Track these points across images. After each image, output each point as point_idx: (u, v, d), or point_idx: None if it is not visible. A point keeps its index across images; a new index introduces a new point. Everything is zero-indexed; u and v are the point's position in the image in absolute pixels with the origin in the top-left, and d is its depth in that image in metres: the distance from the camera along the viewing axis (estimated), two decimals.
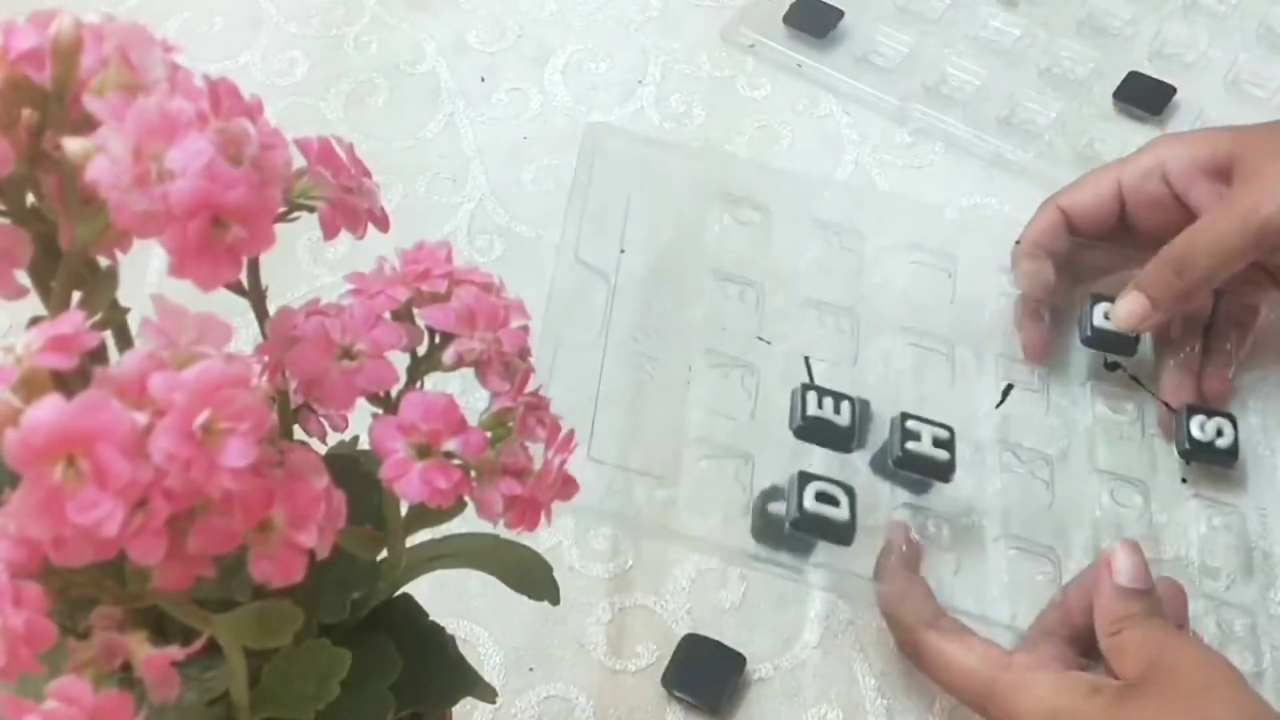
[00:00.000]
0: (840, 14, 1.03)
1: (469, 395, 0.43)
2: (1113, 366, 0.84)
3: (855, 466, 0.78)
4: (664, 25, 1.05)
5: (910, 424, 0.77)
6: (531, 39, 1.04)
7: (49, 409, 0.31)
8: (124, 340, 0.41)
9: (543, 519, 0.43)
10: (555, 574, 0.53)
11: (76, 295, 0.39)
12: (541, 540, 0.76)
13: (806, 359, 0.81)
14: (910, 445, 0.76)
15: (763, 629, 0.76)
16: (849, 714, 0.73)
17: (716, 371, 0.82)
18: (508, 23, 1.05)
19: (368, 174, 0.43)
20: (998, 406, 0.82)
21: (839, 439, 0.77)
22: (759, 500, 0.78)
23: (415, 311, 0.43)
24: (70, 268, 0.37)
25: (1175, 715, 0.62)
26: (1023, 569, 0.75)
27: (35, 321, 0.36)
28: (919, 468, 0.77)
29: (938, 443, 0.76)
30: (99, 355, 0.38)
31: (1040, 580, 0.75)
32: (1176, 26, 1.03)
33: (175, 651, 0.38)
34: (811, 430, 0.77)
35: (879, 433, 0.79)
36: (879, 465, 0.78)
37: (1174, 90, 0.99)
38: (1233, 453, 0.80)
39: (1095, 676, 0.65)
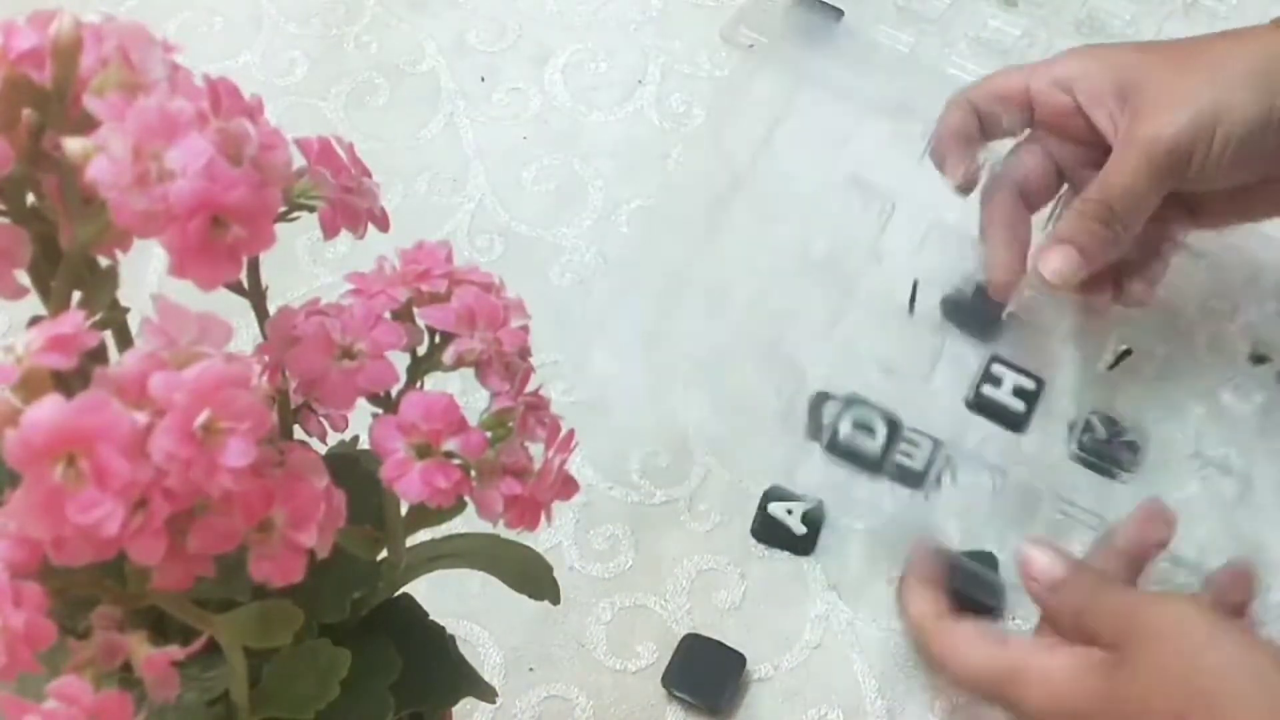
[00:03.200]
0: (840, 14, 1.03)
1: (469, 395, 0.43)
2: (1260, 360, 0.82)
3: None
4: (664, 25, 1.05)
5: (995, 368, 0.79)
6: (531, 39, 1.04)
7: (49, 409, 0.31)
8: (124, 340, 0.41)
9: (543, 519, 0.43)
10: (555, 574, 0.53)
11: (76, 295, 0.39)
12: (541, 540, 0.76)
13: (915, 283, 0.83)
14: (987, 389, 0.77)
15: (763, 629, 0.76)
16: (849, 714, 0.73)
17: None
18: (508, 23, 1.05)
19: (368, 174, 0.43)
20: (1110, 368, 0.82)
21: None
22: (762, 497, 0.78)
23: (415, 311, 0.43)
24: (70, 268, 0.37)
25: (1169, 679, 0.60)
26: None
27: (35, 321, 0.36)
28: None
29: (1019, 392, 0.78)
30: (99, 355, 0.38)
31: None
32: (1177, 26, 1.03)
33: (175, 651, 0.38)
34: None
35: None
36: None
37: None
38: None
39: (1092, 654, 0.63)
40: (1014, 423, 0.78)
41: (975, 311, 0.82)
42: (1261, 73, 0.71)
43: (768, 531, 0.78)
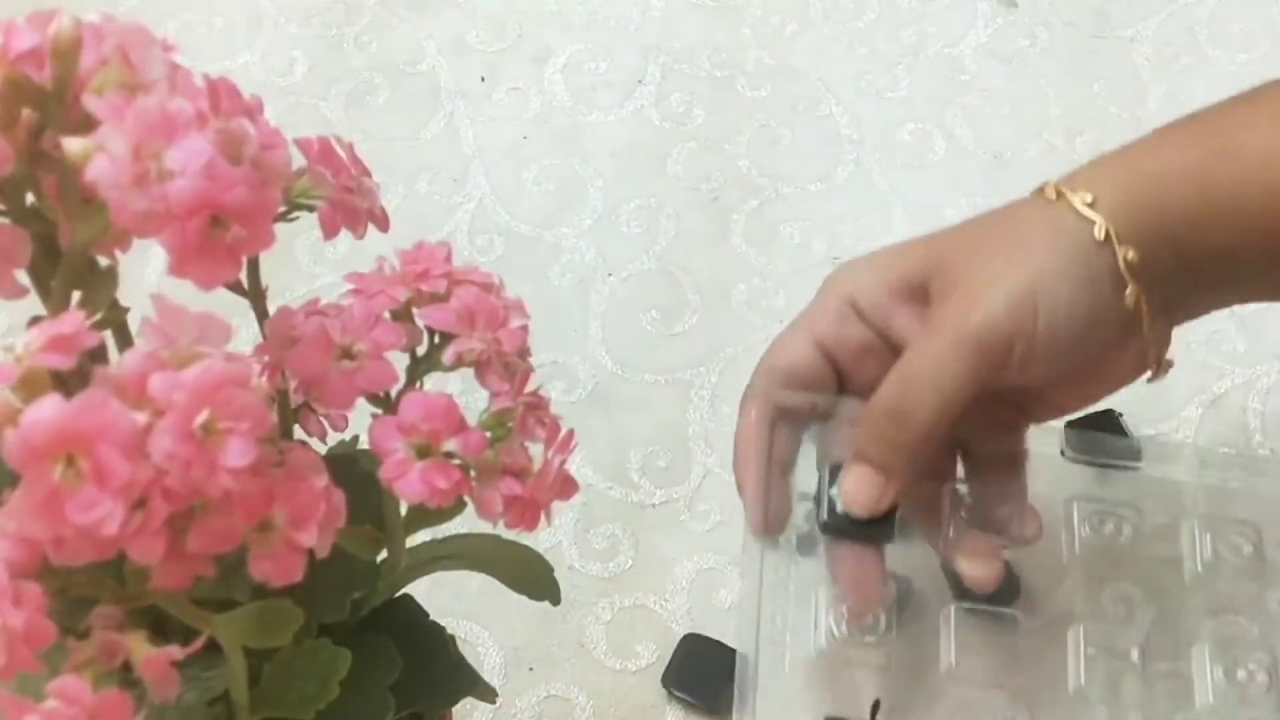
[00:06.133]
0: None
1: (469, 395, 0.43)
2: None
3: None
4: (664, 25, 1.05)
5: None
6: (531, 39, 1.04)
7: (48, 409, 0.31)
8: (124, 340, 0.41)
9: (543, 519, 0.43)
10: (555, 574, 0.53)
11: (76, 295, 0.39)
12: (541, 540, 0.76)
13: None
14: None
15: (763, 629, 0.76)
16: (849, 714, 0.73)
17: None
18: (508, 23, 1.05)
19: (368, 173, 0.43)
20: None
21: None
22: None
23: (415, 311, 0.43)
24: (70, 267, 0.37)
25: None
26: None
27: (35, 321, 0.36)
28: None
29: None
30: (99, 355, 0.38)
31: None
32: (1175, 28, 1.03)
33: (175, 651, 0.38)
34: None
35: None
36: None
37: None
38: None
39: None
40: None
41: None
42: (1067, 247, 0.60)
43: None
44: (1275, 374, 0.85)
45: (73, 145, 0.33)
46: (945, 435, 0.60)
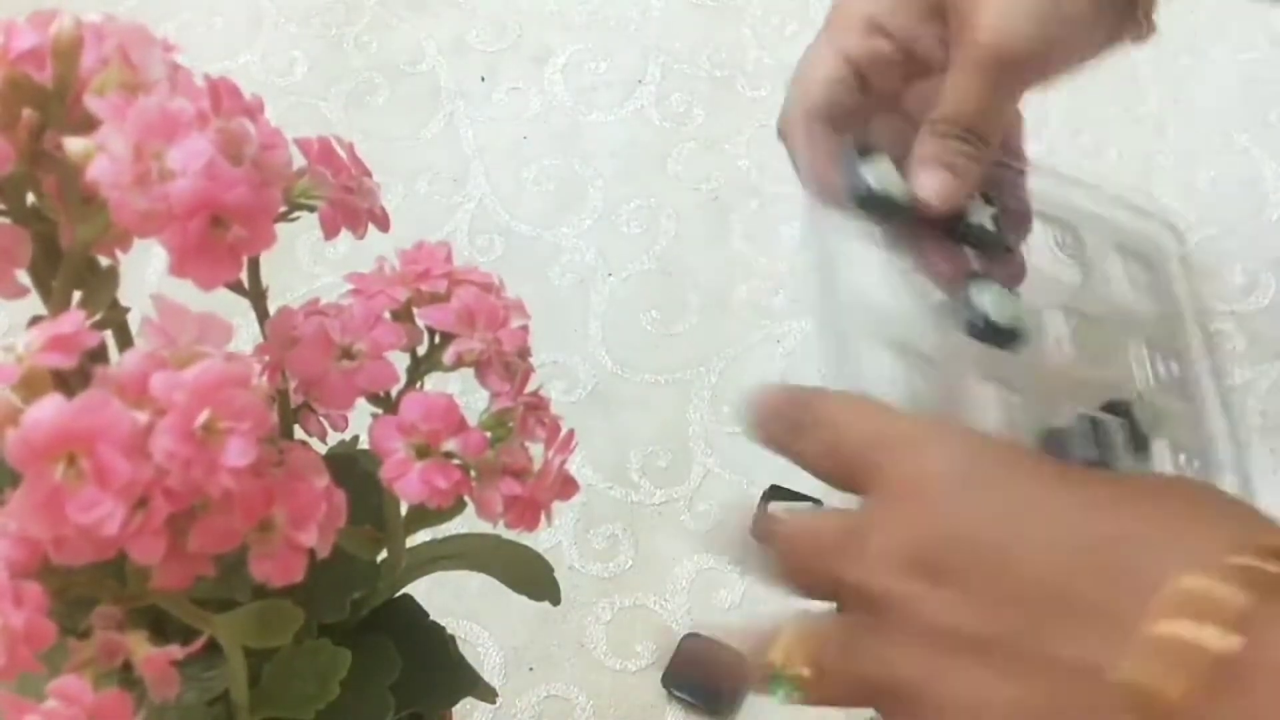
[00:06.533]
0: None
1: (469, 395, 0.43)
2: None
3: None
4: (664, 25, 1.05)
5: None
6: (531, 39, 1.04)
7: (49, 408, 0.31)
8: (124, 340, 0.41)
9: (542, 519, 0.43)
10: (555, 574, 0.53)
11: (77, 295, 0.39)
12: (541, 540, 0.76)
13: None
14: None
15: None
16: (849, 714, 0.73)
17: None
18: (508, 23, 1.05)
19: (368, 173, 0.43)
20: None
21: None
22: (762, 497, 0.78)
23: (415, 311, 0.43)
24: (70, 267, 0.37)
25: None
26: None
27: (36, 321, 0.36)
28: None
29: None
30: (100, 355, 0.38)
31: None
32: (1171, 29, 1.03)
33: (175, 651, 0.38)
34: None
35: None
36: None
37: None
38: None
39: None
40: None
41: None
42: None
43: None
44: (1275, 374, 0.85)
45: (74, 145, 0.33)
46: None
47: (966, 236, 0.66)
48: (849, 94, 0.67)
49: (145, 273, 0.83)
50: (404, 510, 0.46)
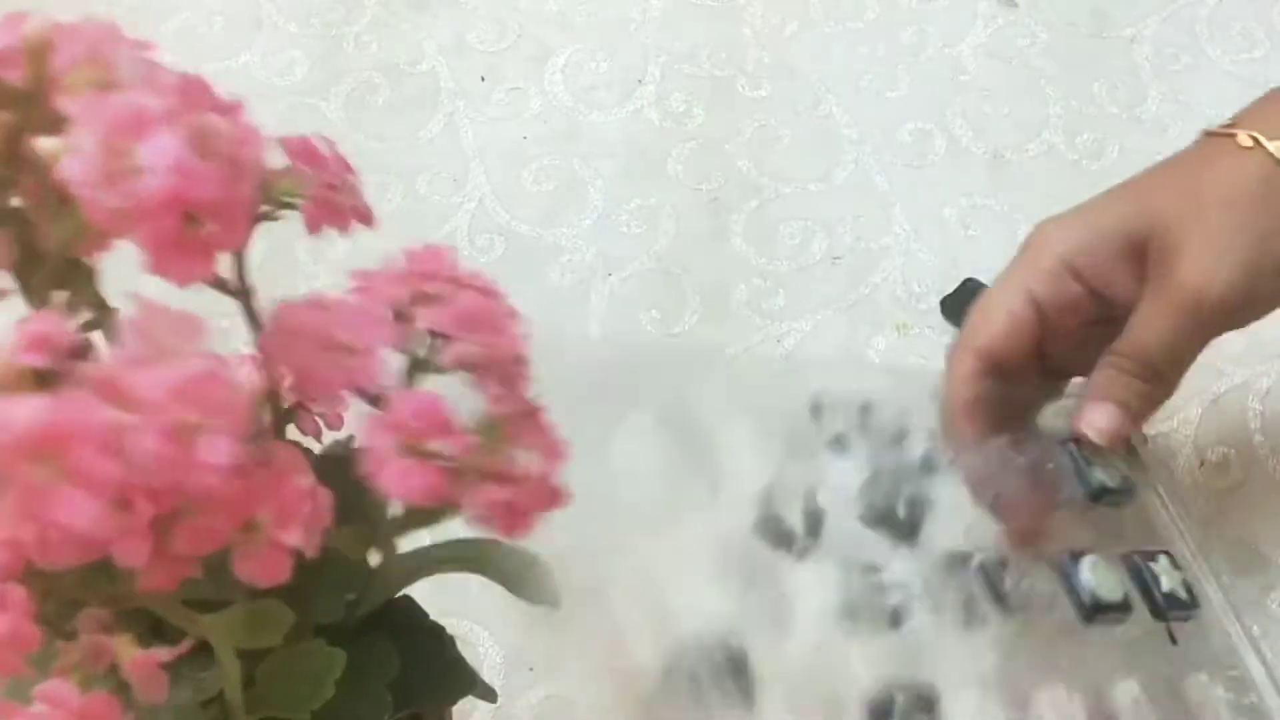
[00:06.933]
0: None
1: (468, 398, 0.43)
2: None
3: None
4: (664, 25, 1.05)
5: None
6: (531, 39, 1.04)
7: (25, 408, 0.31)
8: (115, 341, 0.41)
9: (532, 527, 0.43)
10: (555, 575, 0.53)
11: (61, 296, 0.39)
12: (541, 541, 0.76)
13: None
14: None
15: (763, 629, 0.76)
16: (849, 714, 0.73)
17: None
18: (508, 23, 1.05)
19: (351, 170, 0.43)
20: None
21: None
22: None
23: (415, 312, 0.43)
24: (50, 267, 0.36)
25: None
26: None
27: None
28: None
29: None
30: (87, 355, 0.38)
31: None
32: (1172, 30, 1.03)
33: (162, 653, 0.38)
34: None
35: None
36: None
37: None
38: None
39: None
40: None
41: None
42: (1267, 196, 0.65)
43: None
44: (1275, 374, 0.84)
45: (45, 144, 0.33)
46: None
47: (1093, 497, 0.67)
48: (1023, 344, 0.68)
49: (138, 274, 0.83)
50: (396, 510, 0.45)
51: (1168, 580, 0.65)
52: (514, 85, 1.01)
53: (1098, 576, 0.63)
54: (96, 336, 0.40)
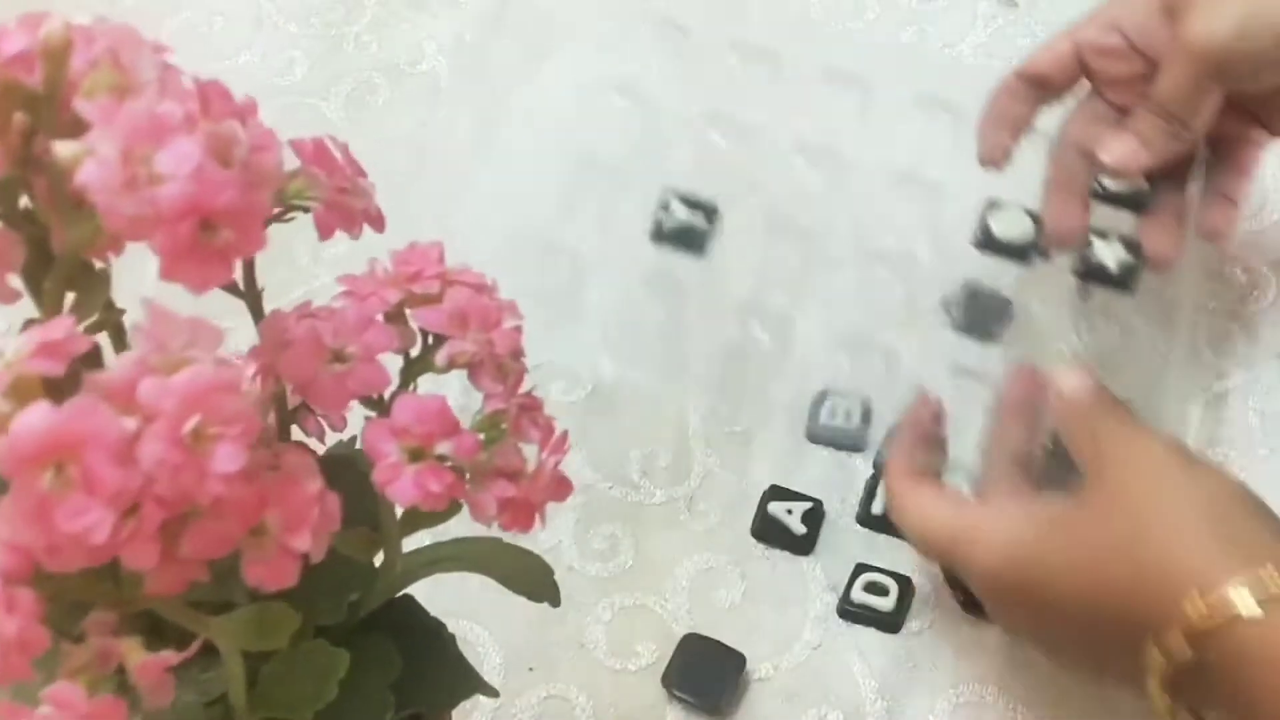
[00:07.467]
0: None
1: (468, 396, 0.43)
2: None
3: None
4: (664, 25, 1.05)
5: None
6: (531, 38, 1.04)
7: (37, 415, 0.31)
8: (120, 343, 0.41)
9: (537, 520, 0.43)
10: (555, 574, 0.53)
11: (70, 298, 0.39)
12: (541, 540, 0.76)
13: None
14: None
15: (763, 629, 0.76)
16: (849, 714, 0.73)
17: None
18: (508, 22, 1.05)
19: (363, 173, 0.43)
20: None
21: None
22: (762, 497, 0.79)
23: (408, 313, 0.43)
24: (62, 271, 0.37)
25: (1117, 521, 0.61)
26: None
27: (30, 325, 0.36)
28: None
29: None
30: (94, 359, 0.38)
31: None
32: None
33: (169, 656, 0.38)
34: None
35: None
36: None
37: None
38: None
39: (1043, 506, 0.66)
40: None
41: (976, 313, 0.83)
42: None
43: (768, 531, 0.78)
44: (1275, 374, 0.84)
45: (63, 149, 0.33)
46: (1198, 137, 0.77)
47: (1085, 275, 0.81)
48: (1062, 71, 0.81)
49: (142, 276, 0.83)
50: (399, 512, 0.45)
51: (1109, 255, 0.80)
52: (514, 85, 1.01)
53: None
54: (102, 339, 0.40)
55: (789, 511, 0.78)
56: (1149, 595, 0.58)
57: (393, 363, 0.43)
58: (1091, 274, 0.81)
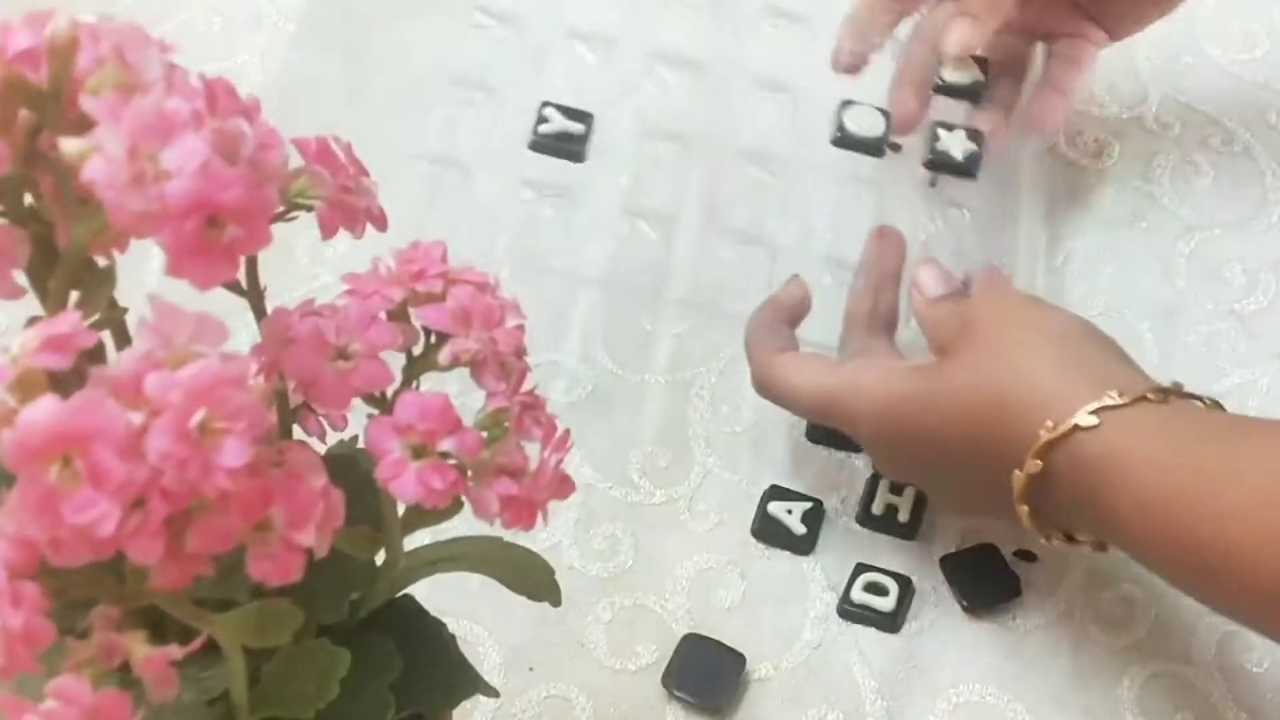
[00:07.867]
0: None
1: (468, 395, 0.43)
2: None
3: None
4: (664, 25, 1.05)
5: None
6: (531, 39, 1.04)
7: (44, 409, 0.32)
8: (122, 340, 0.41)
9: (539, 519, 0.43)
10: (555, 574, 0.53)
11: (74, 295, 0.39)
12: (541, 540, 0.76)
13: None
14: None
15: (763, 629, 0.76)
16: (849, 714, 0.73)
17: None
18: (508, 22, 1.05)
19: (365, 173, 0.43)
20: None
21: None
22: (762, 497, 0.79)
23: (411, 311, 0.43)
24: (67, 268, 0.37)
25: (984, 363, 0.69)
26: None
27: (34, 322, 0.36)
28: None
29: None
30: (97, 355, 0.39)
31: None
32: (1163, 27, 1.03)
33: (173, 651, 0.38)
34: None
35: None
36: None
37: None
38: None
39: (917, 362, 0.73)
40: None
41: None
42: None
43: (768, 531, 0.78)
44: (1275, 374, 0.85)
45: (69, 146, 0.33)
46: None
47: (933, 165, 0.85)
48: None
49: (145, 272, 0.83)
50: (401, 510, 0.46)
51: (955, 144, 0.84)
52: (514, 84, 1.01)
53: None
54: (105, 336, 0.40)
55: (789, 511, 0.78)
56: (1014, 426, 0.66)
57: (395, 361, 0.43)
58: (939, 163, 0.85)
